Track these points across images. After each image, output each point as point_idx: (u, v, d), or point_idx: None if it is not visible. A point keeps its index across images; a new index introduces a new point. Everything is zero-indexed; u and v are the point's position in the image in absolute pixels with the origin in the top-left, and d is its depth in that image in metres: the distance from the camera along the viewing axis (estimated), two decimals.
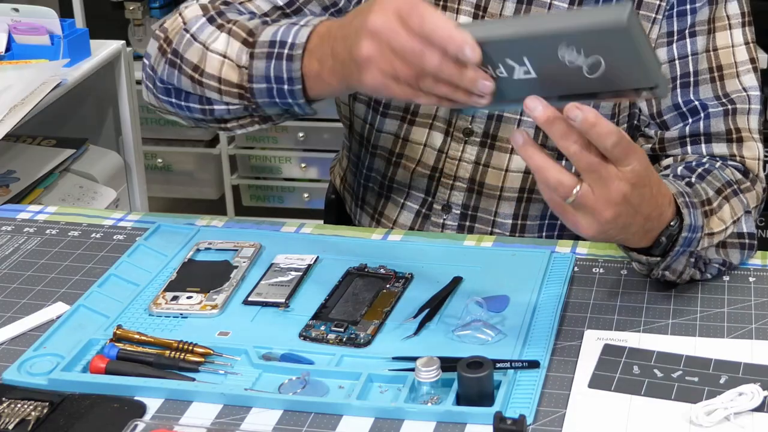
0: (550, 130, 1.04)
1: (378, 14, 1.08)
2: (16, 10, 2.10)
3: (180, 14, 1.34)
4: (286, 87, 1.21)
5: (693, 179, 1.28)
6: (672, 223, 1.18)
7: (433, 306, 1.23)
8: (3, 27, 2.10)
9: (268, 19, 1.27)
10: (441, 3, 1.43)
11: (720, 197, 1.27)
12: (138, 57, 3.11)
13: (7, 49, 2.10)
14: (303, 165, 3.27)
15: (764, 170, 1.40)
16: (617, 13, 0.99)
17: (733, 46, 1.39)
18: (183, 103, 1.31)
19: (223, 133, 1.28)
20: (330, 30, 1.18)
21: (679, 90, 1.39)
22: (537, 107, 1.04)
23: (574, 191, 1.06)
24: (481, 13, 1.42)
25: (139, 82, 2.67)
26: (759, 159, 1.38)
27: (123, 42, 2.21)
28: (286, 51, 1.19)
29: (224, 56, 1.25)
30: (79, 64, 2.10)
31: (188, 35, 1.30)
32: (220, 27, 1.28)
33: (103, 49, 2.17)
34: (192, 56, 1.28)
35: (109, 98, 2.26)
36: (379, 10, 1.08)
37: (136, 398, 1.10)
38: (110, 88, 2.24)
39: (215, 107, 1.28)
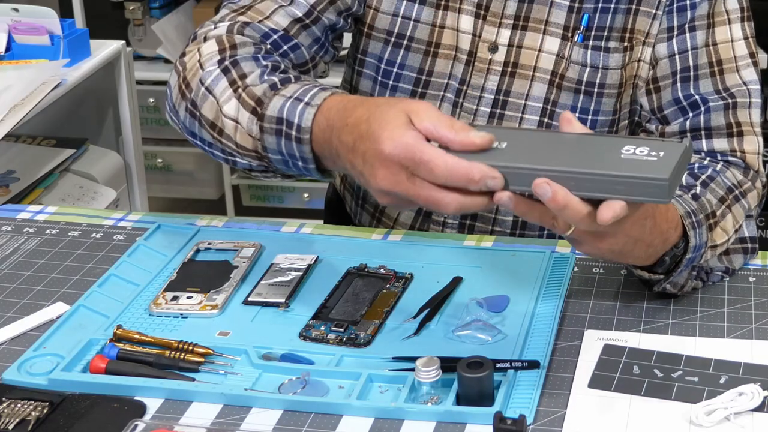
0: (536, 191, 1.03)
1: (383, 173, 1.06)
2: (16, 10, 2.10)
3: (198, 50, 1.31)
4: (300, 163, 1.21)
5: (698, 189, 1.28)
6: (677, 245, 1.18)
7: (433, 306, 1.23)
8: (3, 27, 2.09)
9: (276, 80, 1.24)
10: (443, 2, 1.43)
11: (723, 206, 1.28)
12: (138, 57, 3.12)
13: (7, 49, 2.09)
14: None
15: (764, 166, 1.40)
16: (661, 191, 0.99)
17: (732, 41, 1.39)
18: (207, 149, 1.31)
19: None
20: (332, 130, 1.15)
21: (679, 84, 1.39)
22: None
23: (569, 232, 1.06)
24: (483, 12, 1.42)
25: (139, 82, 2.68)
26: (759, 153, 1.38)
27: (123, 42, 2.21)
28: (294, 133, 1.18)
29: (236, 122, 1.24)
30: (79, 64, 2.10)
31: (203, 88, 1.27)
32: (232, 84, 1.25)
33: (103, 49, 2.17)
34: (208, 113, 1.27)
35: (109, 98, 2.26)
36: (381, 168, 1.06)
37: (136, 398, 1.10)
38: (110, 88, 2.23)
39: (237, 160, 1.27)
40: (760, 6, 2.76)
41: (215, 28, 1.34)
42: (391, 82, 1.46)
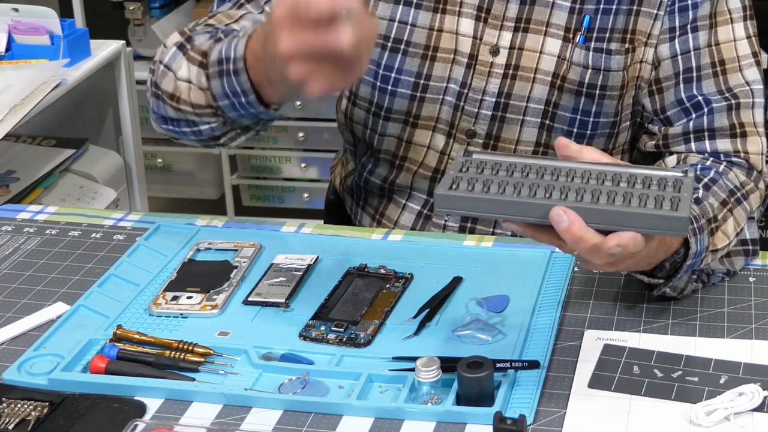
0: (553, 219, 1.04)
1: (281, 35, 1.05)
2: (16, 10, 2.10)
3: (164, 44, 1.36)
4: (243, 99, 1.24)
5: (700, 193, 1.27)
6: (678, 251, 1.18)
7: (433, 306, 1.23)
8: (3, 27, 2.09)
9: (221, 36, 1.30)
10: (441, 6, 1.43)
11: (725, 209, 1.27)
12: (138, 57, 3.11)
13: (7, 49, 2.09)
14: (303, 165, 3.27)
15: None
16: (679, 225, 1.02)
17: (735, 41, 1.39)
18: (176, 129, 1.35)
19: (222, 147, 1.29)
20: (258, 40, 1.19)
21: (682, 86, 1.39)
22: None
23: (573, 253, 1.08)
24: (484, 15, 1.42)
25: (139, 82, 2.67)
26: (763, 153, 1.38)
27: (123, 42, 2.21)
28: (231, 66, 1.22)
29: (189, 82, 1.29)
30: (79, 64, 2.09)
31: (162, 66, 1.33)
32: (184, 52, 1.31)
33: (103, 49, 2.17)
34: (167, 86, 1.31)
35: (109, 98, 2.26)
36: (279, 31, 1.05)
37: (136, 398, 1.10)
38: (110, 88, 2.23)
39: (201, 128, 1.31)
40: (761, 6, 2.76)
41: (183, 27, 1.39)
42: (389, 87, 1.46)
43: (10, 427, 1.06)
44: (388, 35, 1.45)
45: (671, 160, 1.39)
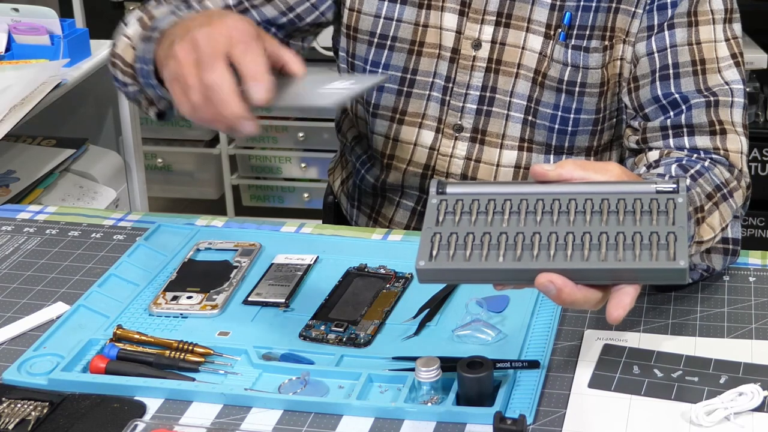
0: (540, 289, 1.02)
1: (182, 51, 1.11)
2: (16, 10, 2.10)
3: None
4: (145, 66, 1.24)
5: (687, 182, 1.27)
6: None
7: (433, 306, 1.24)
8: (3, 27, 2.09)
9: (182, 4, 1.36)
10: (426, 2, 1.43)
11: (711, 202, 1.27)
12: None
13: (7, 49, 2.09)
14: (303, 165, 3.27)
15: (747, 165, 1.40)
16: (679, 276, 0.99)
17: (715, 41, 1.39)
18: (119, 87, 1.44)
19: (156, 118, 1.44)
20: (180, 24, 1.19)
21: (658, 83, 1.38)
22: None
23: None
24: (466, 9, 1.42)
25: None
26: (742, 153, 1.37)
27: None
28: (152, 34, 1.23)
29: (129, 38, 1.37)
30: (79, 64, 2.09)
31: (120, 34, 1.41)
32: (140, 19, 1.37)
33: (103, 49, 2.17)
34: (118, 45, 1.41)
35: (109, 98, 2.26)
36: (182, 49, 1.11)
37: (136, 398, 1.10)
38: (110, 88, 2.22)
39: (127, 89, 1.40)
40: (761, 6, 2.76)
41: None
42: None
43: (10, 427, 1.06)
44: (374, 31, 1.46)
45: (653, 154, 1.38)
